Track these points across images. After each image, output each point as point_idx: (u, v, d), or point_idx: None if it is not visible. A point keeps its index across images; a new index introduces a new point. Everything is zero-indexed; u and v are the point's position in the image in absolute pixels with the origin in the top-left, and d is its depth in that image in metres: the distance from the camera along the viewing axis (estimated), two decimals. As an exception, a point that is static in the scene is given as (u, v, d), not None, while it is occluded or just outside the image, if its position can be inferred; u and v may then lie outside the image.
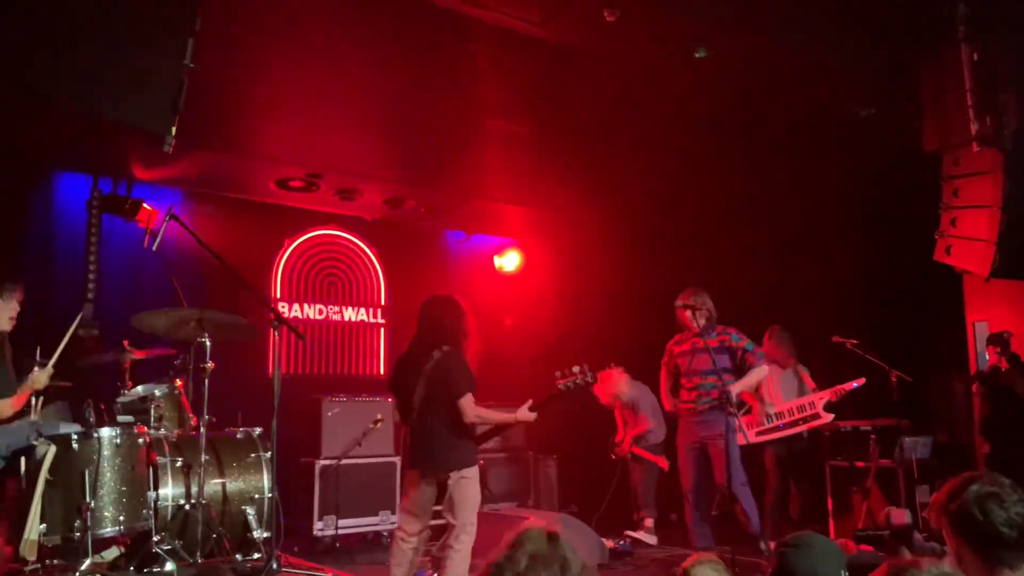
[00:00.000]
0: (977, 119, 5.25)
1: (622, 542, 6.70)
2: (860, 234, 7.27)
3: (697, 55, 5.47)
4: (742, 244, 7.59)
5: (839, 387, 5.99)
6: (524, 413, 4.41)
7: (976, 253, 5.55)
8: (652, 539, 6.75)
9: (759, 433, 6.09)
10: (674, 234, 7.94)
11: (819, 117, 6.30)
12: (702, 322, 5.46)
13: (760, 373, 5.65)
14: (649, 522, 6.89)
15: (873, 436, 6.05)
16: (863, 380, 5.98)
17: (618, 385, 7.08)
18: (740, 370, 5.61)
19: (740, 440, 5.55)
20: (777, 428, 6.09)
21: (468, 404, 4.14)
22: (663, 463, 6.88)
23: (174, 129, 3.43)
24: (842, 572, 2.13)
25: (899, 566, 1.82)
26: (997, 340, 6.05)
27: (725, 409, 5.26)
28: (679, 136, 6.63)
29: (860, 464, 6.17)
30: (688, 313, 5.52)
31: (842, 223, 7.38)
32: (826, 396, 6.00)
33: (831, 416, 5.99)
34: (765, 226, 7.59)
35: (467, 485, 4.16)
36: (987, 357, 6.22)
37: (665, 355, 5.92)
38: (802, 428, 6.06)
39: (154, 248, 4.40)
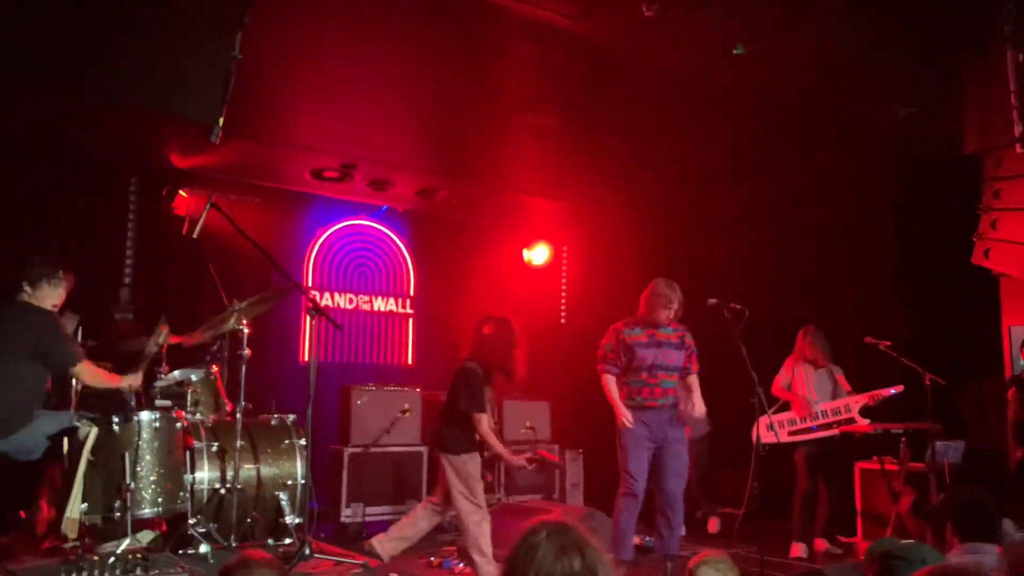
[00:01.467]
0: (1021, 120, 5.17)
1: (648, 538, 6.70)
2: (896, 234, 7.18)
3: (735, 52, 5.43)
4: (775, 242, 7.53)
5: (877, 392, 5.91)
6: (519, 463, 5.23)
7: (1016, 256, 5.47)
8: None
9: (791, 433, 6.06)
10: (705, 230, 7.90)
11: (857, 115, 6.22)
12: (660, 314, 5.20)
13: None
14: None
15: (904, 439, 6.00)
16: (901, 387, 5.90)
17: None
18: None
19: (771, 439, 5.51)
20: (810, 429, 6.05)
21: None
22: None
23: (222, 120, 3.48)
24: None
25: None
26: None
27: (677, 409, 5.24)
28: (713, 132, 6.59)
29: (891, 467, 6.12)
30: (675, 306, 5.22)
31: (878, 223, 7.30)
32: (863, 400, 5.94)
33: (867, 421, 5.93)
34: (799, 224, 7.52)
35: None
36: (1022, 362, 6.13)
37: (612, 336, 5.39)
38: (835, 431, 6.02)
39: (195, 236, 4.46)
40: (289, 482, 4.59)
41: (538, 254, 9.40)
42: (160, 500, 4.07)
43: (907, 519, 5.96)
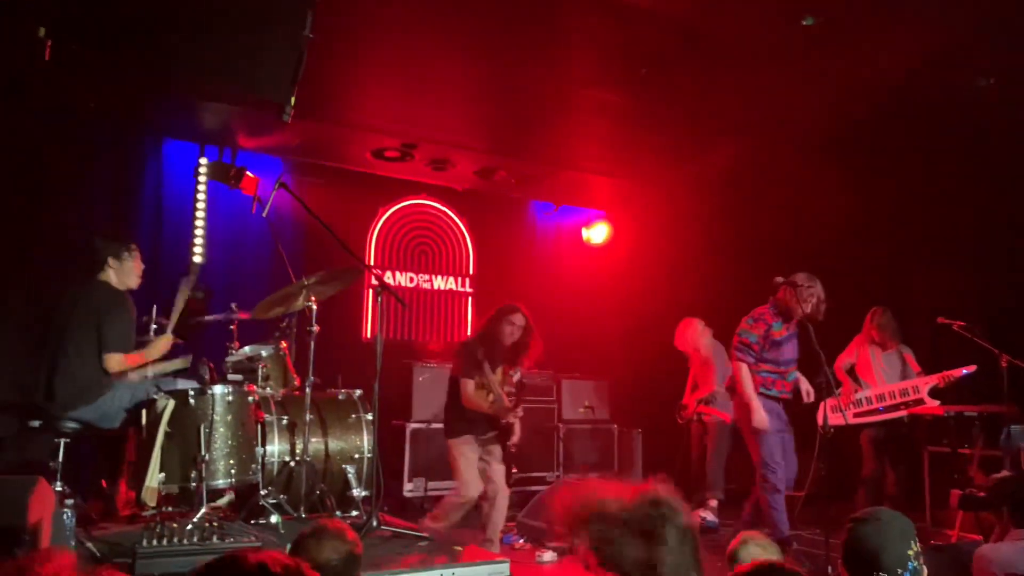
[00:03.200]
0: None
1: (707, 518, 6.66)
2: (972, 211, 6.92)
3: (804, 23, 5.27)
4: (844, 219, 7.32)
5: (948, 372, 5.73)
6: (502, 406, 4.91)
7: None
8: (714, 520, 6.62)
9: (857, 415, 5.93)
10: (770, 208, 7.72)
11: (935, 86, 5.98)
12: (808, 309, 5.09)
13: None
14: (713, 502, 6.76)
15: (978, 422, 5.81)
16: (974, 367, 5.70)
17: (698, 334, 7.02)
18: None
19: (838, 421, 5.41)
20: (877, 411, 5.91)
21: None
22: (727, 417, 6.75)
23: (293, 99, 3.53)
24: (912, 543, 2.12)
25: None
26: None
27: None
28: (777, 108, 6.42)
29: (963, 451, 5.94)
30: (797, 293, 5.08)
31: (954, 199, 7.04)
32: (933, 381, 5.76)
33: (936, 402, 5.76)
34: (870, 201, 7.29)
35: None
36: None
37: (760, 328, 5.30)
38: (903, 412, 5.86)
39: (263, 214, 4.55)
40: (356, 455, 4.69)
41: (597, 233, 9.35)
42: (233, 471, 4.19)
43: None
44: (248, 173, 6.88)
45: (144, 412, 4.20)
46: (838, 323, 6.14)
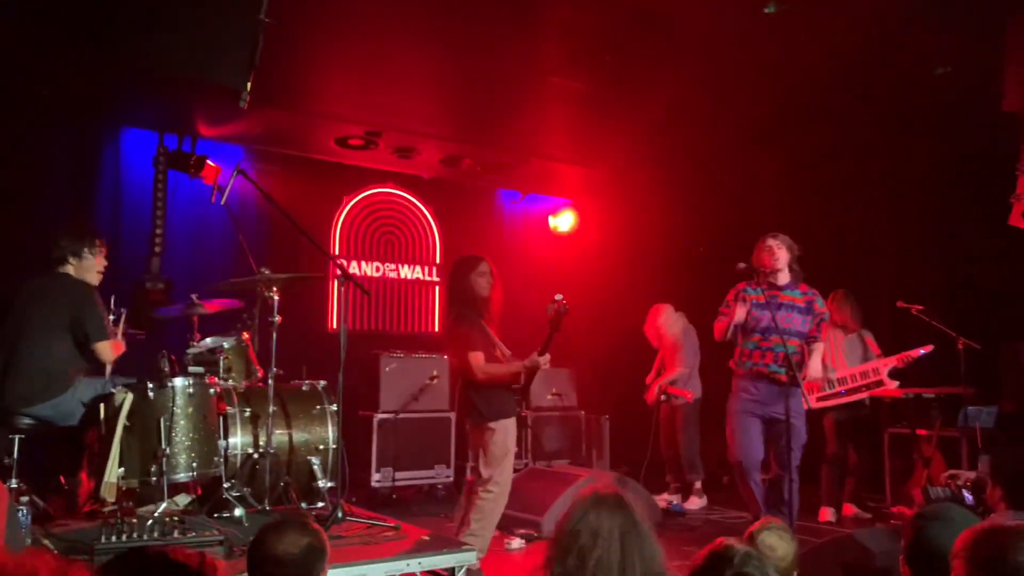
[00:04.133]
0: (1063, 78, 5.01)
1: (674, 502, 6.75)
2: (930, 197, 7.04)
3: (766, 11, 5.30)
4: (806, 205, 7.42)
5: (905, 354, 5.85)
6: (533, 359, 4.43)
7: (1055, 218, 5.34)
8: (681, 505, 6.72)
9: (820, 399, 6.02)
10: (734, 194, 7.78)
11: (892, 74, 6.06)
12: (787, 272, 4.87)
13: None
14: (698, 484, 6.88)
15: (936, 404, 5.94)
16: (931, 347, 5.83)
17: (664, 316, 7.08)
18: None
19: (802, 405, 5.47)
20: (839, 394, 6.01)
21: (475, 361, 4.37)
22: (690, 396, 6.83)
23: (250, 85, 3.46)
24: None
25: None
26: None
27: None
28: (743, 95, 6.46)
29: (922, 432, 6.07)
30: (780, 253, 4.86)
31: (912, 185, 7.16)
32: (892, 363, 5.88)
33: (895, 383, 5.87)
34: (831, 187, 7.40)
35: (488, 438, 4.36)
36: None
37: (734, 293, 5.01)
38: (865, 395, 5.97)
39: (222, 203, 4.47)
40: (321, 447, 4.63)
41: (564, 221, 9.36)
42: (195, 464, 4.12)
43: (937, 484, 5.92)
44: (209, 162, 6.80)
45: (103, 407, 4.11)
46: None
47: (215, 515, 4.18)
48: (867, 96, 6.40)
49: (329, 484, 4.54)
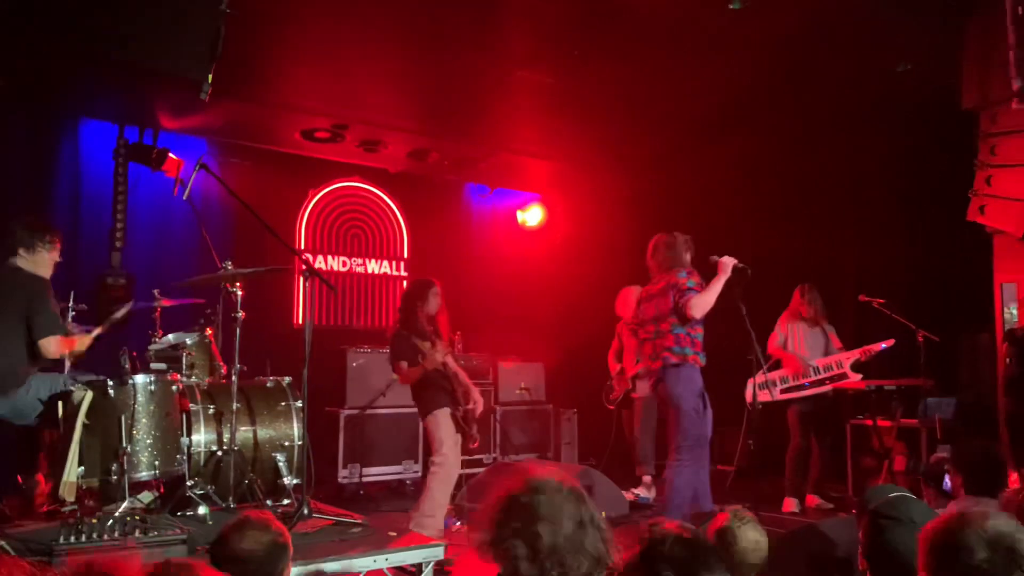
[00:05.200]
0: (1019, 75, 5.11)
1: (640, 494, 6.78)
2: (890, 192, 7.17)
3: (732, 7, 5.33)
4: (769, 200, 7.50)
5: (868, 347, 5.95)
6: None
7: (1011, 213, 5.46)
8: (647, 496, 6.73)
9: (784, 391, 6.10)
10: (701, 189, 7.84)
11: (854, 71, 6.14)
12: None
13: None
14: (647, 478, 6.84)
15: (896, 395, 6.05)
16: (892, 341, 5.94)
17: (637, 295, 7.07)
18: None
19: (765, 397, 5.54)
20: (803, 386, 6.09)
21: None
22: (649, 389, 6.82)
23: (211, 76, 3.40)
24: None
25: None
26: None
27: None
28: (707, 86, 6.49)
29: (883, 423, 6.18)
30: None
31: (872, 180, 7.28)
32: (854, 356, 5.97)
33: (859, 376, 5.97)
34: (793, 183, 7.49)
35: (428, 428, 4.92)
36: (1006, 315, 6.12)
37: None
38: (828, 387, 6.05)
39: (184, 197, 4.38)
40: (286, 443, 4.58)
41: (532, 215, 9.37)
42: (157, 463, 4.05)
43: (898, 474, 6.04)
44: (171, 155, 6.68)
45: (61, 404, 4.02)
46: (766, 299, 6.30)
47: (179, 514, 4.11)
48: (829, 92, 6.49)
49: (295, 481, 4.50)
